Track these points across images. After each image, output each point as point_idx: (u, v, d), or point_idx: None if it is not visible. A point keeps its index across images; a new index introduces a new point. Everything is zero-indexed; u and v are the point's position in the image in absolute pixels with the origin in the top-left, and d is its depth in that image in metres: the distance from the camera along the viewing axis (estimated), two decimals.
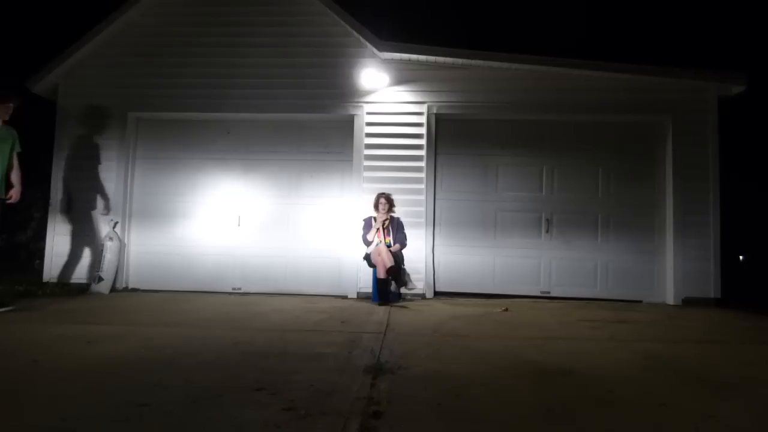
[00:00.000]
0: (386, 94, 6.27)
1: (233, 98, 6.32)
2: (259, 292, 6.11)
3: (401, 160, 6.16)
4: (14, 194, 4.71)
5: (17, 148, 4.77)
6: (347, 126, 6.30)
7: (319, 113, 6.33)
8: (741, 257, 12.19)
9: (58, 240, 6.33)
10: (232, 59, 6.37)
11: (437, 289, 6.14)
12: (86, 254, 6.16)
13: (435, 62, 6.27)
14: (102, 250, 6.02)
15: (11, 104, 4.63)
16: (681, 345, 3.43)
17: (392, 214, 5.68)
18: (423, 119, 6.19)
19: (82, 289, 5.90)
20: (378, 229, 5.55)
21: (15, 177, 4.75)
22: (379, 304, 5.20)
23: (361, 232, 5.62)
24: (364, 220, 5.70)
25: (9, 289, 5.57)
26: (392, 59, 6.27)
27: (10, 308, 4.36)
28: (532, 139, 6.34)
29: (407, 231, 5.73)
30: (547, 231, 6.24)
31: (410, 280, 5.54)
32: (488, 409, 1.98)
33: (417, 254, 5.94)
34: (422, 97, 6.23)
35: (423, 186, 6.14)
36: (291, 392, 2.08)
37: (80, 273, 6.11)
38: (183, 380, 2.24)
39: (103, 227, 6.17)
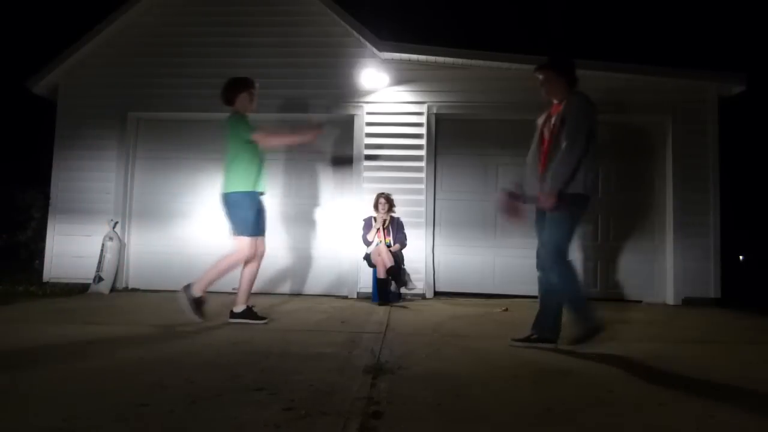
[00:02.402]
0: (386, 94, 6.27)
1: None
2: (259, 292, 6.10)
3: (401, 160, 6.16)
4: (309, 135, 4.04)
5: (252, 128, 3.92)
6: (347, 126, 6.30)
7: (319, 113, 6.32)
8: (741, 257, 12.20)
9: (58, 240, 6.34)
10: (233, 59, 6.35)
11: (437, 289, 6.14)
12: (86, 254, 6.15)
13: (435, 62, 6.27)
14: (102, 250, 6.02)
15: (253, 90, 4.02)
16: (681, 345, 3.43)
17: (392, 214, 5.68)
18: (423, 119, 6.19)
19: (82, 289, 5.90)
20: (378, 229, 5.55)
21: (280, 139, 4.25)
22: (379, 304, 5.19)
23: (361, 232, 5.63)
24: (364, 220, 5.70)
25: (9, 289, 5.58)
26: (392, 59, 6.26)
27: (265, 321, 3.88)
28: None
29: (407, 231, 5.74)
30: None
31: (410, 280, 5.54)
32: (488, 409, 1.98)
33: (417, 254, 5.94)
34: (422, 97, 6.23)
35: (423, 186, 6.14)
36: (291, 392, 2.08)
37: (80, 273, 6.10)
38: (183, 380, 2.24)
39: (103, 227, 6.17)
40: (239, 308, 3.88)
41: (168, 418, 1.78)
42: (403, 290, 5.54)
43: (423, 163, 6.15)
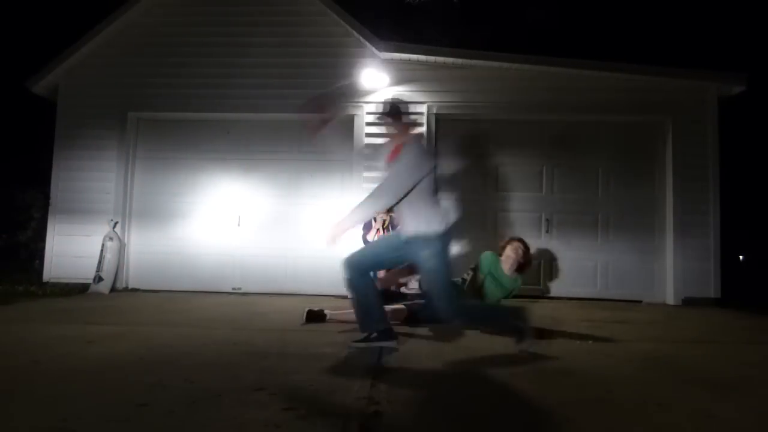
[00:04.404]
0: (386, 94, 6.26)
1: (233, 98, 6.32)
2: (259, 292, 6.11)
3: None
4: None
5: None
6: (347, 126, 6.30)
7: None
8: (741, 257, 12.19)
9: (58, 240, 6.34)
10: (232, 59, 6.37)
11: None
12: (86, 254, 6.14)
13: (435, 62, 6.27)
14: (102, 250, 6.03)
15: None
16: (681, 345, 3.43)
17: (392, 215, 5.67)
18: (423, 119, 6.19)
19: (82, 289, 5.90)
20: (378, 229, 5.54)
21: None
22: None
23: (361, 233, 5.62)
24: None
25: (9, 289, 5.58)
26: (392, 59, 6.26)
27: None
28: (532, 139, 6.33)
29: None
30: (547, 231, 6.24)
31: (410, 280, 5.53)
32: (488, 409, 1.98)
33: None
34: (422, 97, 6.23)
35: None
36: (291, 392, 2.08)
37: (80, 273, 6.10)
38: (183, 380, 2.24)
39: (103, 227, 6.17)
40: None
41: (168, 418, 1.78)
42: (403, 290, 5.54)
43: None
